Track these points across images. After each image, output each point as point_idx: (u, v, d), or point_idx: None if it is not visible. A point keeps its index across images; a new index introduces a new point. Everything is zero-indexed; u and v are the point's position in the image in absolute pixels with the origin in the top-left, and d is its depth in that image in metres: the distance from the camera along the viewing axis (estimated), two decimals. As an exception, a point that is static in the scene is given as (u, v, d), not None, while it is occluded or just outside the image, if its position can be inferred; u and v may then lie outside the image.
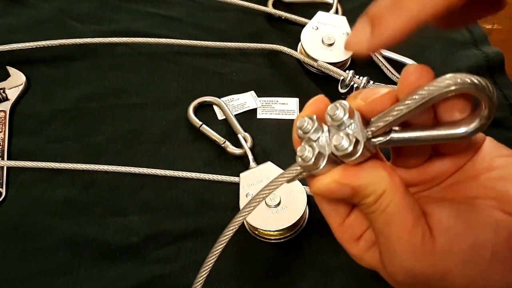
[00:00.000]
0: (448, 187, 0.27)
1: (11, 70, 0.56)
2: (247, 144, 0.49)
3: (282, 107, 0.53)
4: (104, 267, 0.43)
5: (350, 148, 0.22)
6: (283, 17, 0.61)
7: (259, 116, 0.53)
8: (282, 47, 0.56)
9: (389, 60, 0.56)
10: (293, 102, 0.54)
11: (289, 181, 0.26)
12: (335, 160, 0.23)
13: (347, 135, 0.22)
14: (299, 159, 0.23)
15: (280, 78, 0.56)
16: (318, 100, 0.25)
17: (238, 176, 0.47)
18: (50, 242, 0.45)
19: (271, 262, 0.44)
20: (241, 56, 0.58)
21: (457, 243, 0.22)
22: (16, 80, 0.55)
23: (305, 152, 0.23)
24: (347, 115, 0.22)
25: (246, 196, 0.43)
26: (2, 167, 0.49)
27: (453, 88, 0.20)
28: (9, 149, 0.51)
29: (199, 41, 0.57)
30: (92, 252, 0.44)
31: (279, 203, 0.42)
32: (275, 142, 0.51)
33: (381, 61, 0.55)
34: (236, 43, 0.57)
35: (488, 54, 0.56)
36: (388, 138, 0.23)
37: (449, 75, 0.20)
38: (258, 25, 0.61)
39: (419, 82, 0.22)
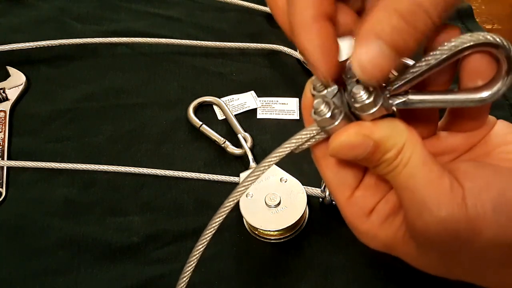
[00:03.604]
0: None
1: (11, 70, 0.56)
2: (247, 144, 0.49)
3: (282, 107, 0.53)
4: (104, 267, 0.43)
5: (370, 99, 0.21)
6: (283, 17, 0.61)
7: (259, 116, 0.53)
8: (282, 47, 0.56)
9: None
10: (293, 102, 0.54)
11: (298, 147, 0.25)
12: (351, 118, 0.23)
13: (366, 87, 0.22)
14: (314, 114, 0.23)
15: (280, 78, 0.56)
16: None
17: (238, 176, 0.47)
18: (50, 242, 0.45)
19: (271, 262, 0.44)
20: (241, 56, 0.58)
21: (485, 190, 0.22)
22: (16, 80, 0.55)
23: (321, 106, 0.22)
24: None
25: (246, 196, 0.43)
26: (2, 167, 0.49)
27: (472, 43, 0.20)
28: (9, 149, 0.51)
29: (199, 41, 0.57)
30: (92, 252, 0.44)
31: (279, 203, 0.42)
32: (275, 142, 0.50)
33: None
34: (236, 43, 0.57)
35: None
36: (405, 98, 0.23)
37: (470, 33, 0.21)
38: (258, 25, 0.61)
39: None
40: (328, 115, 0.22)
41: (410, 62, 0.23)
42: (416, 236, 0.23)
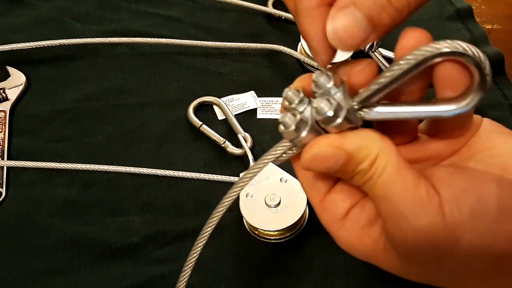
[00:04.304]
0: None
1: (11, 70, 0.56)
2: (247, 144, 0.49)
3: (282, 107, 0.53)
4: (104, 267, 0.43)
5: (331, 112, 0.21)
6: (283, 17, 0.61)
7: (259, 116, 0.53)
8: (282, 47, 0.56)
9: (388, 60, 0.56)
10: (293, 102, 0.54)
11: (276, 159, 0.25)
12: (319, 130, 0.23)
13: (329, 99, 0.21)
14: (281, 126, 0.23)
15: (280, 78, 0.56)
16: (308, 75, 0.24)
17: (238, 176, 0.47)
18: (50, 242, 0.45)
19: (271, 262, 0.44)
20: (241, 56, 0.58)
21: (462, 197, 0.21)
22: (16, 80, 0.55)
23: (286, 118, 0.22)
24: (332, 83, 0.22)
25: (246, 196, 0.43)
26: (2, 167, 0.49)
27: (441, 51, 0.20)
28: (9, 149, 0.51)
29: (199, 41, 0.57)
30: (92, 252, 0.44)
31: (279, 203, 0.42)
32: (275, 142, 0.50)
33: (380, 61, 0.55)
34: (236, 43, 0.57)
35: (488, 54, 0.56)
36: (374, 110, 0.22)
37: (439, 41, 0.20)
38: (258, 25, 0.61)
39: (416, 46, 0.21)
40: (293, 127, 0.22)
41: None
42: (396, 246, 0.23)
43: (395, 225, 0.22)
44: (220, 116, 0.53)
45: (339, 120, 0.21)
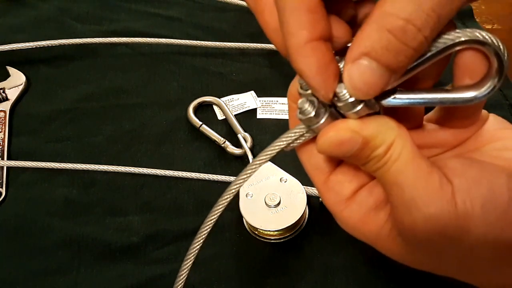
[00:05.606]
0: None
1: (11, 70, 0.56)
2: (247, 144, 0.49)
3: (282, 107, 0.53)
4: (104, 267, 0.43)
5: (352, 99, 0.21)
6: (283, 17, 0.61)
7: (259, 116, 0.53)
8: (282, 47, 0.57)
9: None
10: (293, 102, 0.54)
11: (288, 145, 0.25)
12: (336, 116, 0.23)
13: None
14: (299, 114, 0.23)
15: (280, 78, 0.56)
16: None
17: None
18: (50, 242, 0.45)
19: (271, 262, 0.44)
20: (241, 56, 0.58)
21: (475, 187, 0.21)
22: (16, 80, 0.55)
23: (305, 105, 0.22)
24: None
25: (246, 196, 0.43)
26: (2, 167, 0.49)
27: (461, 39, 0.20)
28: (9, 149, 0.51)
29: (199, 41, 0.57)
30: (92, 252, 0.44)
31: (279, 203, 0.42)
32: (275, 142, 0.51)
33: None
34: (236, 43, 0.57)
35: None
36: (392, 97, 0.22)
37: (459, 30, 0.20)
38: (258, 25, 0.61)
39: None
40: (312, 114, 0.22)
41: None
42: (404, 234, 0.23)
43: (405, 212, 0.22)
44: (220, 116, 0.53)
45: (360, 106, 0.21)
